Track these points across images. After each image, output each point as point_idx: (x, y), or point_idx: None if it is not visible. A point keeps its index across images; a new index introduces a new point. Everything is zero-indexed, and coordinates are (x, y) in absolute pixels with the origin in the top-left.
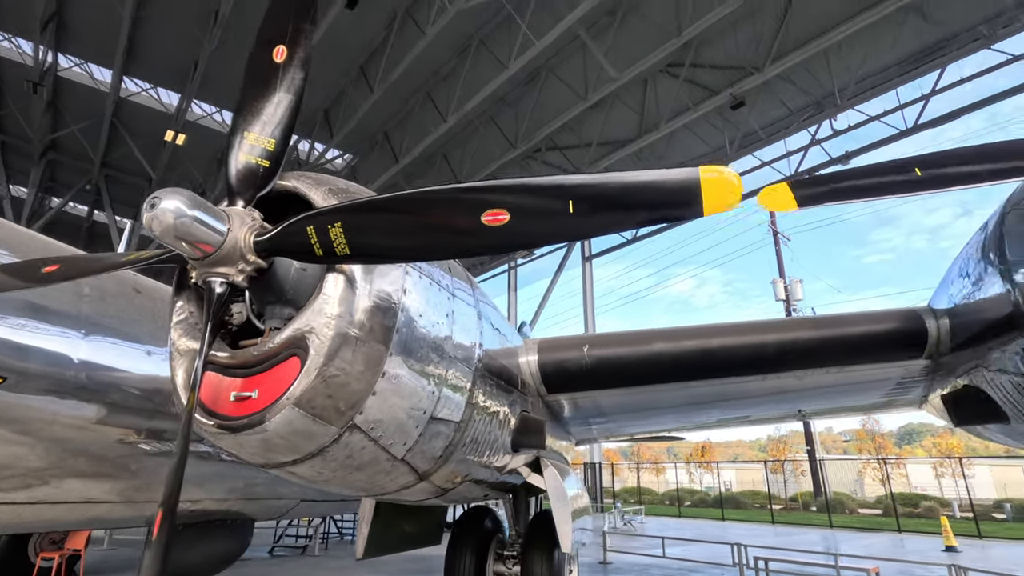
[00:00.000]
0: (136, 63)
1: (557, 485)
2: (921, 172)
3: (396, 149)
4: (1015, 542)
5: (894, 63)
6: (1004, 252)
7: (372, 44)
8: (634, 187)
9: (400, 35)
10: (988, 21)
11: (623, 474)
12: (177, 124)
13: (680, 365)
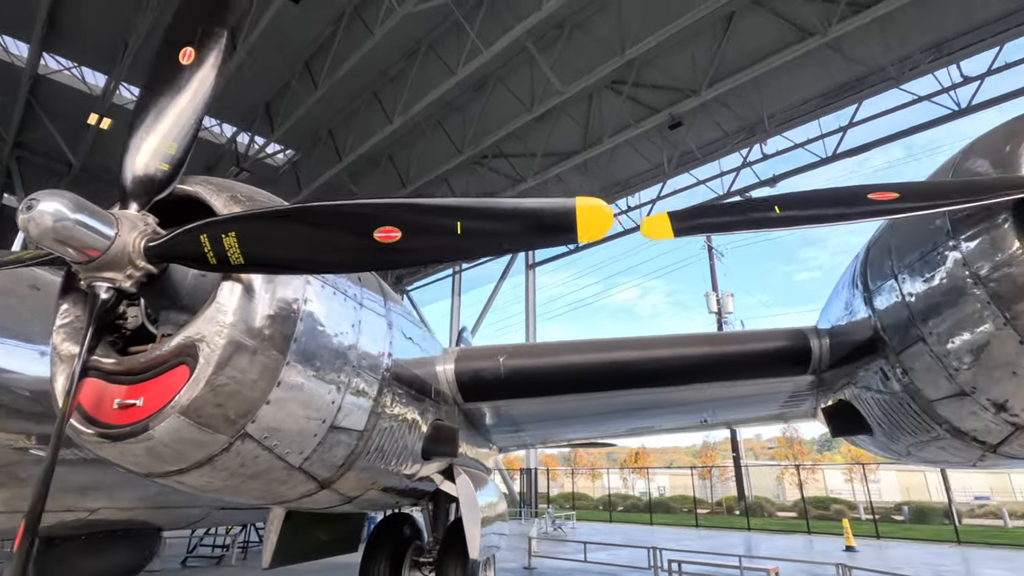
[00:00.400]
0: (59, 39)
1: (468, 492)
2: (780, 210)
3: (340, 147)
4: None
5: (817, 95)
6: (867, 282)
7: (319, 40)
8: (518, 212)
9: (347, 33)
10: (896, 63)
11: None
12: (102, 107)
13: (589, 376)
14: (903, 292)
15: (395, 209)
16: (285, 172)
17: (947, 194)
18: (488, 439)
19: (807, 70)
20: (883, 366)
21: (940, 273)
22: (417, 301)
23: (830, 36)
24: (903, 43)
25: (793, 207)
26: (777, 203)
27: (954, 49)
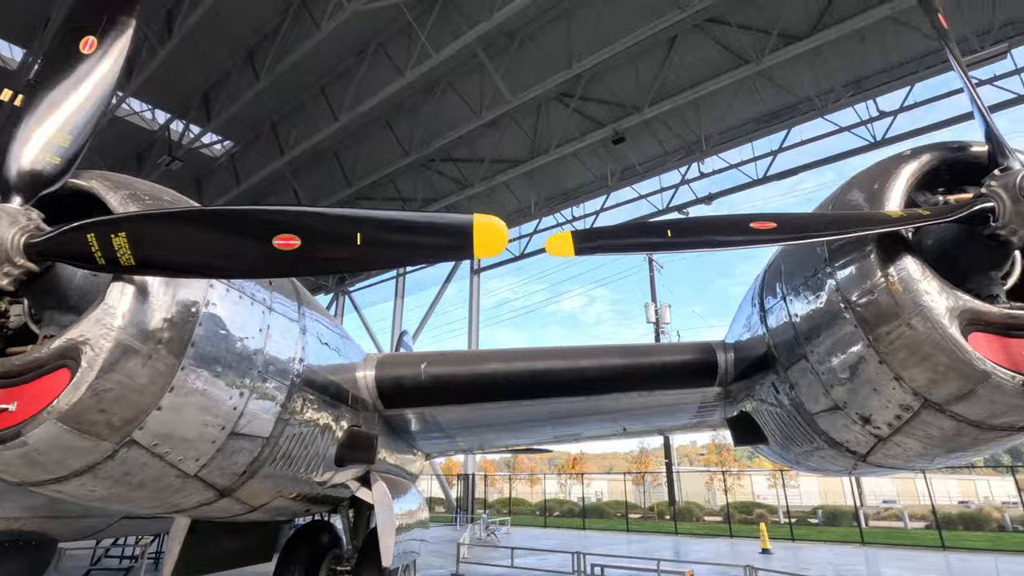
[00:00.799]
0: None
1: (384, 499)
2: (672, 234)
3: (283, 142)
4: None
5: (751, 120)
6: (763, 301)
7: (263, 29)
8: (417, 226)
9: (294, 25)
10: (821, 95)
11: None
12: (19, 83)
13: (511, 385)
14: (790, 313)
15: (295, 216)
16: (223, 164)
17: (819, 226)
18: (412, 445)
19: (743, 95)
20: (774, 380)
21: (818, 297)
22: (360, 303)
23: (763, 65)
24: (828, 77)
25: (684, 232)
26: (670, 227)
27: (872, 85)
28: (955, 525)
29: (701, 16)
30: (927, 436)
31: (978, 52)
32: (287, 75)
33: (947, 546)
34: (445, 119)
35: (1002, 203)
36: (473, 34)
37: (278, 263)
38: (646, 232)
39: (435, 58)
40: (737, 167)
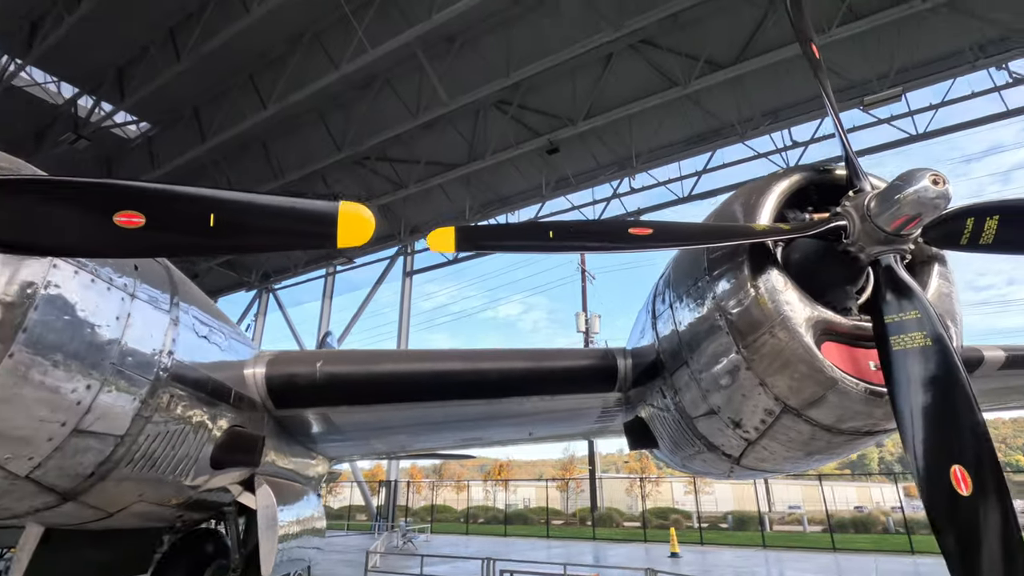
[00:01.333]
0: None
1: (268, 504)
2: (553, 236)
3: (205, 127)
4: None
5: (679, 140)
6: (654, 308)
7: (188, 7)
8: (278, 211)
9: (221, 6)
10: (742, 122)
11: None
12: None
13: (410, 387)
14: (675, 320)
15: (139, 192)
16: (138, 146)
17: (693, 236)
18: (311, 448)
19: (672, 116)
20: (662, 386)
21: (698, 305)
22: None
23: (690, 89)
24: (749, 105)
25: (566, 235)
26: (552, 229)
27: (787, 116)
28: (847, 528)
29: (635, 37)
30: (788, 439)
31: (878, 93)
32: (212, 58)
33: (838, 548)
34: (381, 118)
35: (853, 222)
36: (412, 33)
37: (119, 242)
38: (528, 233)
39: (371, 54)
40: (665, 185)
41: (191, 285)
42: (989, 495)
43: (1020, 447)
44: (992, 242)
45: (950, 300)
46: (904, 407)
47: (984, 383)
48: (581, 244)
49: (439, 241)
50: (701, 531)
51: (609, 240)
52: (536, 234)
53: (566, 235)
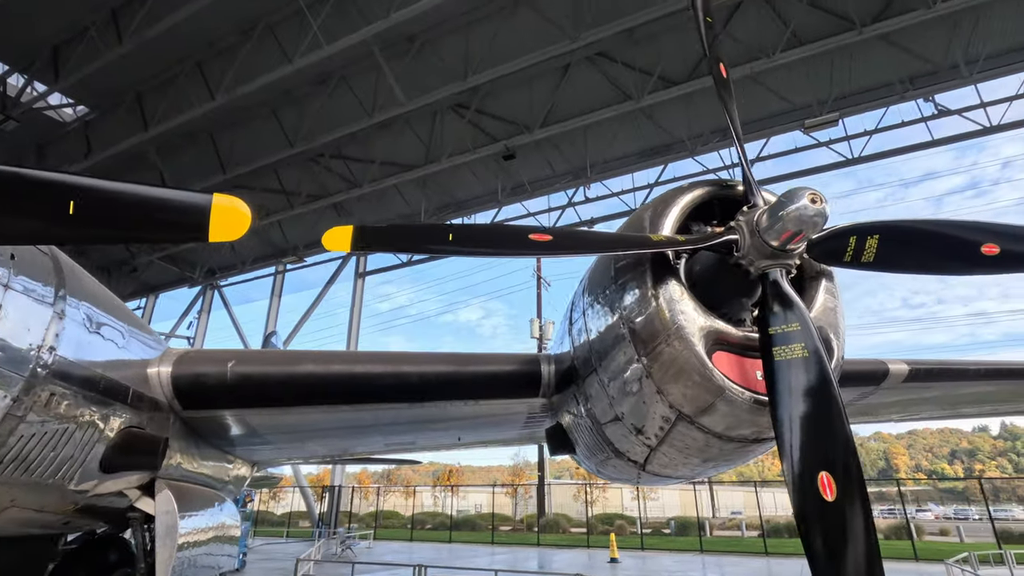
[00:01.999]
0: None
1: (167, 511)
2: (452, 238)
3: (148, 115)
4: (668, 552)
5: (633, 153)
6: (571, 315)
7: None
8: (145, 201)
9: None
10: (692, 138)
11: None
12: None
13: (327, 389)
14: (587, 327)
15: None
16: (74, 130)
17: (591, 244)
18: (227, 451)
19: (626, 129)
20: (576, 392)
21: (605, 312)
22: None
23: (643, 103)
24: (700, 121)
25: (466, 238)
26: (452, 232)
27: None
28: (781, 533)
29: (592, 49)
30: (685, 446)
31: (818, 117)
32: (158, 43)
33: (770, 552)
34: (336, 115)
35: (743, 237)
36: (368, 31)
37: None
38: (428, 235)
39: (326, 50)
40: (618, 196)
41: (86, 278)
42: (852, 501)
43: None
44: (873, 260)
45: (834, 314)
46: (780, 415)
47: (890, 395)
48: (482, 248)
49: (335, 240)
50: (642, 536)
51: (510, 246)
52: (436, 237)
53: (467, 239)
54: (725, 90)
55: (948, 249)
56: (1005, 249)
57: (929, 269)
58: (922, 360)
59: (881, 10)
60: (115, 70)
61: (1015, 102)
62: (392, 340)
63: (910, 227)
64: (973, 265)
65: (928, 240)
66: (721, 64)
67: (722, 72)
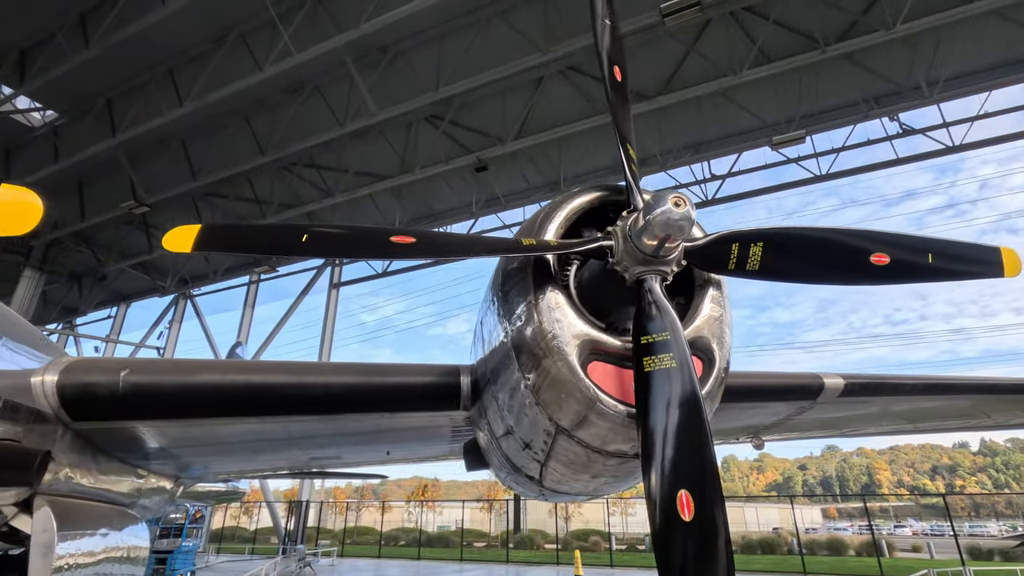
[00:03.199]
0: None
1: (45, 529)
2: (306, 239)
3: (117, 121)
4: (638, 569)
5: (605, 167)
6: (478, 332)
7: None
8: None
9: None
10: (663, 153)
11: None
12: None
13: (226, 399)
14: (483, 333)
15: None
16: (43, 136)
17: (455, 246)
18: (135, 465)
19: (600, 142)
20: (479, 405)
21: (494, 318)
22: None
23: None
24: (672, 136)
25: (321, 240)
26: (306, 233)
27: (707, 150)
28: (755, 549)
29: (565, 63)
30: (570, 461)
31: (785, 134)
32: (127, 49)
33: (739, 568)
34: (309, 124)
35: (618, 242)
36: (339, 40)
37: None
38: (280, 236)
39: (296, 58)
40: None
41: None
42: (710, 521)
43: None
44: (759, 268)
45: (719, 324)
46: (643, 427)
47: (829, 410)
48: (338, 249)
49: (177, 240)
50: (611, 553)
51: (369, 247)
52: (289, 238)
53: (322, 241)
54: (618, 94)
55: (836, 258)
56: (895, 259)
57: (816, 278)
58: (858, 375)
59: (845, 30)
60: (84, 75)
61: (977, 122)
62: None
63: (796, 235)
64: (862, 275)
65: (815, 249)
66: (616, 68)
67: (616, 75)
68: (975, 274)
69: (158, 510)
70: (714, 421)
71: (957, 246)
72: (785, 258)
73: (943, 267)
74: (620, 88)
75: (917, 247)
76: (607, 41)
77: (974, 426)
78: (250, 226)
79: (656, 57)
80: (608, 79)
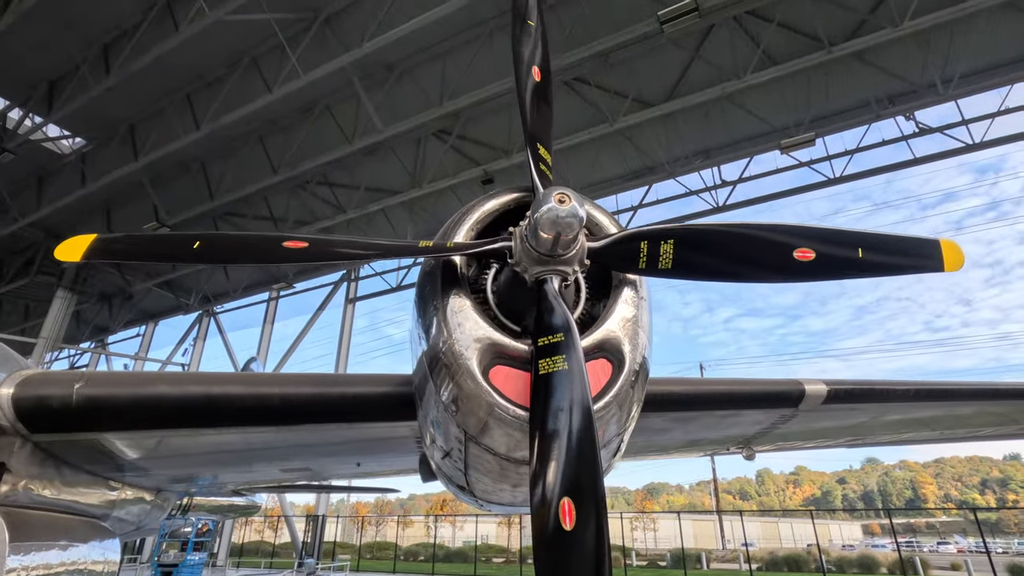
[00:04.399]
0: None
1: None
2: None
3: (139, 146)
4: None
5: (616, 176)
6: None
7: (122, 25)
8: None
9: (157, 25)
10: (671, 161)
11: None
12: None
13: (182, 411)
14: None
15: None
16: (71, 162)
17: (353, 249)
18: (106, 477)
19: (608, 152)
20: (419, 413)
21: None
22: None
23: (619, 125)
24: (680, 143)
25: (212, 248)
26: (198, 240)
27: (717, 155)
28: (780, 566)
29: (569, 74)
30: (487, 470)
31: (793, 137)
32: (148, 77)
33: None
34: (320, 142)
35: (516, 242)
36: (343, 60)
37: None
38: (170, 244)
39: (303, 79)
40: None
41: None
42: (589, 531)
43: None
44: (672, 266)
45: (631, 325)
46: (534, 432)
47: (815, 419)
48: (229, 256)
49: (70, 250)
50: (626, 568)
51: (261, 254)
52: (180, 246)
53: (214, 248)
54: (535, 95)
55: (756, 255)
56: (822, 254)
57: (735, 276)
58: (842, 380)
59: (853, 29)
60: (108, 102)
61: (999, 118)
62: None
63: (709, 231)
64: (785, 272)
65: (732, 246)
66: (535, 68)
67: (535, 76)
68: (912, 268)
69: (142, 523)
70: (689, 430)
71: (890, 240)
72: (699, 255)
73: (876, 261)
74: (539, 88)
75: (845, 241)
76: (529, 43)
77: (989, 435)
78: (142, 236)
79: (660, 64)
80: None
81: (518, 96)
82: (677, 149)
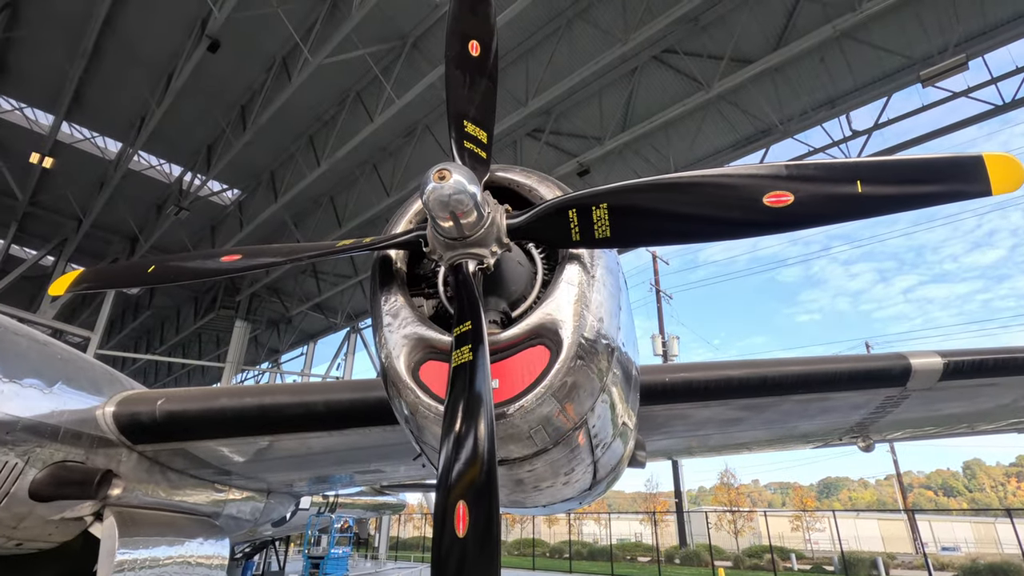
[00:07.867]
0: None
1: (109, 536)
2: (153, 271)
3: (278, 188)
4: None
5: (726, 146)
6: None
7: (253, 86)
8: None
9: (277, 80)
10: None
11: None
12: (44, 147)
13: (241, 420)
14: None
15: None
16: (231, 211)
17: (277, 255)
18: (212, 481)
19: (711, 121)
20: None
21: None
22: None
23: (715, 91)
24: (796, 99)
25: (165, 270)
26: (153, 265)
27: (844, 103)
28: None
29: (658, 47)
30: None
31: (938, 65)
32: (276, 126)
33: None
34: (422, 160)
35: (429, 229)
36: (432, 77)
37: None
38: (129, 271)
39: (399, 103)
40: None
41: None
42: (480, 539)
43: None
44: (611, 236)
45: (575, 306)
46: (443, 430)
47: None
48: (178, 275)
49: (60, 286)
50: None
51: (204, 270)
52: (137, 272)
53: (166, 270)
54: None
55: (713, 208)
56: (802, 195)
57: (692, 236)
58: (963, 351)
59: None
60: (251, 156)
61: None
62: None
63: (650, 185)
64: (755, 224)
65: (681, 200)
66: (473, 42)
67: (471, 50)
68: (939, 197)
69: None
70: (769, 419)
71: (902, 166)
72: (641, 218)
73: (883, 194)
74: (477, 63)
75: (834, 176)
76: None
77: None
78: (109, 266)
79: (759, 15)
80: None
81: (446, 71)
82: (792, 105)
